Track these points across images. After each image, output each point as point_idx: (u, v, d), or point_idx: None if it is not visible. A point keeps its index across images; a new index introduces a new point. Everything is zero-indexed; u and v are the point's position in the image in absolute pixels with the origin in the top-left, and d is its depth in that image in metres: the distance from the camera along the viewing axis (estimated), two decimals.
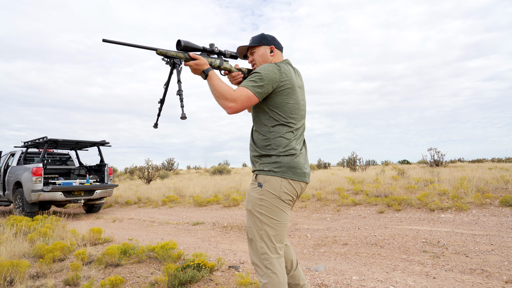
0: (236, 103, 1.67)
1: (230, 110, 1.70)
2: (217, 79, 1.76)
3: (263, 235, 1.71)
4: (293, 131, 1.77)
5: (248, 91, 1.68)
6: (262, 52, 1.90)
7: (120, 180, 21.69)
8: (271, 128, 1.76)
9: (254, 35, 1.95)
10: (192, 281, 2.66)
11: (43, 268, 3.12)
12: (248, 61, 1.99)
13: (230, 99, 1.67)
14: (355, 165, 17.02)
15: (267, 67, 1.73)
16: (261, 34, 1.93)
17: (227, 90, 1.69)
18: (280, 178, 1.71)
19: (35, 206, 7.41)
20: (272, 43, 1.91)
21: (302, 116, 1.85)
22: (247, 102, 1.69)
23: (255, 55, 1.93)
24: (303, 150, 1.84)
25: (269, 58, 1.90)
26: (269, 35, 1.93)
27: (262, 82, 1.69)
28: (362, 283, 2.71)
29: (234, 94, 1.68)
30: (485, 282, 2.82)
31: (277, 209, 1.72)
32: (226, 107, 1.70)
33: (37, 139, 8.03)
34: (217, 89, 1.72)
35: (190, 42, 1.85)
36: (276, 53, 1.93)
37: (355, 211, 6.46)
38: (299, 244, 4.62)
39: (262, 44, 1.90)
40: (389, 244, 4.16)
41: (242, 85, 1.71)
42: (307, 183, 1.82)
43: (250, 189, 1.80)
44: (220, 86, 1.72)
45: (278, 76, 1.72)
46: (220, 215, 7.24)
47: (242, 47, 1.95)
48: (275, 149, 1.73)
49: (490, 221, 4.92)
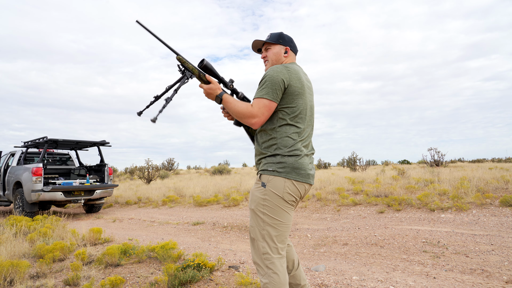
0: (259, 117, 1.71)
1: (255, 126, 1.74)
2: (232, 100, 1.79)
3: (265, 235, 1.71)
4: (300, 132, 1.77)
5: (264, 100, 1.70)
6: (276, 51, 1.90)
7: (120, 180, 21.69)
8: (278, 128, 1.75)
9: (273, 32, 1.95)
10: (192, 281, 2.66)
11: (43, 268, 3.12)
12: (261, 56, 1.98)
13: (250, 115, 1.71)
14: (355, 165, 17.02)
15: (275, 69, 1.75)
16: (280, 33, 1.93)
17: (245, 108, 1.73)
18: (284, 178, 1.70)
19: (35, 206, 7.41)
20: (288, 44, 1.92)
21: (310, 118, 1.85)
22: (268, 111, 1.72)
23: (269, 52, 1.92)
24: (309, 152, 1.82)
25: (282, 59, 1.91)
26: (288, 36, 1.93)
27: (274, 86, 1.70)
28: (362, 283, 2.71)
29: (253, 110, 1.71)
30: (485, 282, 2.81)
31: (280, 209, 1.71)
32: (251, 124, 1.74)
33: (37, 139, 8.03)
34: (236, 110, 1.76)
35: (213, 66, 1.91)
36: (290, 55, 1.93)
37: (355, 211, 6.46)
38: (299, 244, 4.62)
39: (279, 43, 1.90)
40: (389, 244, 4.16)
41: (256, 96, 1.74)
42: (311, 185, 1.81)
43: (254, 188, 1.80)
44: (238, 106, 1.75)
45: (287, 75, 1.73)
46: (220, 215, 7.24)
47: (258, 41, 1.95)
48: (281, 149, 1.73)
49: (490, 221, 4.91)
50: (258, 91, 1.75)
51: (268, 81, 1.71)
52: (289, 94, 1.74)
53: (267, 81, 1.72)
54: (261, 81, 1.77)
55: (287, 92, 1.74)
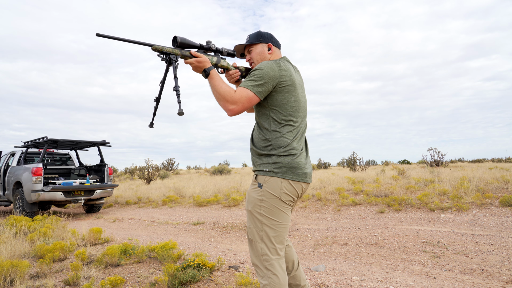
0: (237, 105, 1.66)
1: (230, 113, 1.69)
2: (218, 79, 1.75)
3: (263, 236, 1.70)
4: (294, 130, 1.74)
5: (249, 92, 1.66)
6: (259, 50, 1.88)
7: (120, 180, 21.69)
8: (272, 127, 1.73)
9: (251, 33, 1.91)
10: (192, 281, 2.66)
11: (43, 268, 3.12)
12: (246, 59, 1.95)
13: (231, 101, 1.66)
14: (355, 165, 17.02)
15: (266, 65, 1.71)
16: (258, 31, 1.90)
17: (228, 91, 1.68)
18: (281, 179, 1.68)
19: (35, 206, 7.41)
20: (269, 40, 1.89)
21: (303, 114, 1.83)
22: (248, 103, 1.68)
23: (252, 53, 1.90)
24: (304, 150, 1.81)
25: (267, 56, 1.88)
26: (266, 33, 1.90)
27: (262, 80, 1.67)
28: (362, 283, 2.71)
29: (235, 96, 1.66)
30: (485, 282, 2.81)
31: (277, 210, 1.70)
32: (226, 109, 1.69)
33: (37, 139, 8.03)
34: (218, 90, 1.70)
35: (187, 38, 1.83)
36: (274, 50, 1.90)
37: (355, 211, 6.46)
38: (299, 244, 4.62)
39: (259, 42, 1.87)
40: (389, 244, 4.15)
41: (242, 85, 1.69)
42: (308, 184, 1.80)
43: (251, 189, 1.78)
44: (221, 87, 1.70)
45: (278, 73, 1.70)
46: (220, 215, 7.24)
47: (239, 45, 1.93)
48: (275, 149, 1.71)
49: (490, 221, 4.91)
50: (246, 81, 1.71)
51: (259, 75, 1.68)
52: (280, 92, 1.71)
53: (258, 74, 1.68)
54: (252, 72, 1.72)
55: (277, 90, 1.71)
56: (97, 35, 1.68)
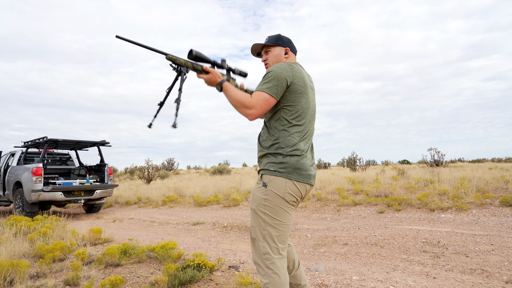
0: (256, 109, 1.69)
1: (251, 117, 1.73)
2: (232, 89, 1.78)
3: (266, 235, 1.71)
4: (301, 131, 1.77)
5: (265, 94, 1.69)
6: (276, 53, 1.90)
7: (120, 180, 21.69)
8: (281, 127, 1.75)
9: (271, 35, 1.94)
10: (192, 281, 2.66)
11: (43, 268, 3.12)
12: (262, 59, 1.98)
13: (249, 106, 1.69)
14: (355, 165, 17.02)
15: (279, 66, 1.74)
16: (278, 34, 1.93)
17: (244, 97, 1.72)
18: (285, 179, 1.70)
19: (35, 206, 7.41)
20: (288, 45, 1.92)
21: (312, 117, 1.85)
22: (266, 105, 1.70)
23: (269, 54, 1.92)
24: (309, 152, 1.83)
25: (283, 59, 1.90)
26: (286, 37, 1.93)
27: (276, 81, 1.70)
28: (362, 283, 2.71)
29: (252, 101, 1.69)
30: (485, 282, 2.81)
31: (281, 209, 1.71)
32: (246, 115, 1.72)
33: (37, 139, 8.03)
34: (234, 99, 1.74)
35: (202, 53, 1.87)
36: (290, 55, 1.92)
37: (355, 211, 6.46)
38: (299, 244, 4.62)
39: (278, 44, 1.90)
40: (389, 244, 4.16)
41: (257, 89, 1.73)
42: (312, 186, 1.81)
43: (255, 188, 1.80)
44: (237, 95, 1.74)
45: (291, 73, 1.73)
46: (220, 215, 7.24)
47: (257, 44, 1.95)
48: (282, 148, 1.72)
49: (490, 221, 4.91)
50: (260, 84, 1.74)
51: (272, 76, 1.71)
52: (292, 93, 1.74)
53: (271, 76, 1.71)
54: (265, 75, 1.76)
55: (290, 90, 1.73)
56: (116, 37, 1.72)
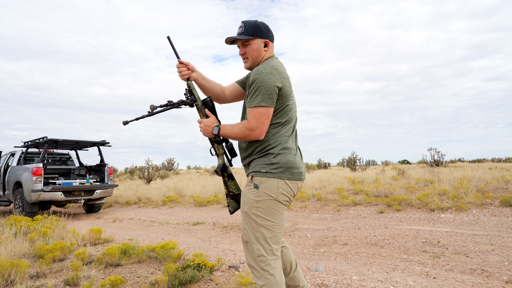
0: (259, 128, 1.67)
1: (260, 136, 1.70)
2: (228, 127, 1.78)
3: (259, 237, 1.68)
4: (289, 129, 1.76)
5: (260, 109, 1.65)
6: (256, 47, 1.78)
7: (120, 180, 21.68)
8: (270, 127, 1.73)
9: (246, 20, 1.77)
10: (192, 281, 2.66)
11: (43, 268, 3.12)
12: (239, 53, 1.85)
13: (250, 129, 1.68)
14: (355, 165, 17.01)
15: (265, 72, 1.66)
16: (254, 22, 1.76)
17: (242, 126, 1.71)
18: (277, 179, 1.68)
19: (35, 206, 7.41)
20: (266, 35, 1.78)
21: (296, 114, 1.86)
22: (267, 118, 1.67)
23: (248, 48, 1.79)
24: (297, 148, 1.82)
25: (262, 53, 1.80)
26: (263, 24, 1.78)
27: (268, 91, 1.65)
28: (362, 283, 2.71)
29: (250, 123, 1.67)
30: (485, 282, 2.81)
31: (274, 210, 1.69)
32: (254, 137, 1.71)
33: (37, 139, 8.03)
34: (235, 133, 1.75)
35: (214, 106, 1.93)
36: (270, 47, 1.81)
37: (355, 211, 6.46)
38: (299, 244, 4.62)
39: (256, 36, 1.76)
40: (389, 244, 4.15)
41: (250, 105, 1.67)
42: (303, 181, 1.79)
43: (246, 190, 1.75)
44: (234, 130, 1.75)
45: (279, 78, 1.68)
46: (220, 215, 7.24)
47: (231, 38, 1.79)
48: (272, 148, 1.71)
49: (490, 221, 4.91)
50: (251, 99, 1.67)
51: (261, 87, 1.64)
52: (282, 97, 1.71)
53: (259, 87, 1.64)
54: (251, 86, 1.67)
55: (279, 95, 1.70)
56: (168, 38, 1.91)
